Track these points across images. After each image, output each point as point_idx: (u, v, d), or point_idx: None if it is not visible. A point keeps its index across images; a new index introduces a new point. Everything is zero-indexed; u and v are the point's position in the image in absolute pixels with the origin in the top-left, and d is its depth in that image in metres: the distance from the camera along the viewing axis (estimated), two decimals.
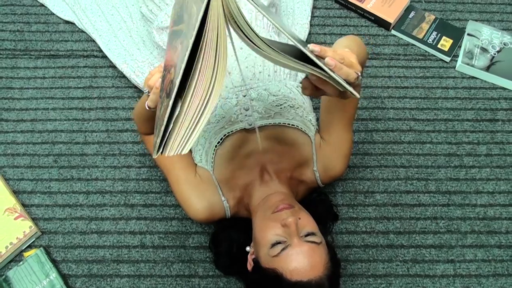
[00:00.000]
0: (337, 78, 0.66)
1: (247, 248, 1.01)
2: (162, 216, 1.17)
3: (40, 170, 1.23)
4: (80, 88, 1.34)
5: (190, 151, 1.07)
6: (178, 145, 0.62)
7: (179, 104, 0.61)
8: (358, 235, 1.17)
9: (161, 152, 0.63)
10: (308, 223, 0.92)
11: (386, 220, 1.19)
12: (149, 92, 0.83)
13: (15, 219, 1.15)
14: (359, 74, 0.72)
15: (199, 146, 1.05)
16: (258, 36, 0.63)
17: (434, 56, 1.41)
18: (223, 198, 1.02)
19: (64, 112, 1.30)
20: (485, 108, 1.33)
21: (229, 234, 1.07)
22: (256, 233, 0.94)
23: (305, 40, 1.41)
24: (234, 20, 0.62)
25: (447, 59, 1.40)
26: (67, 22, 1.45)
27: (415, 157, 1.27)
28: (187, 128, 0.61)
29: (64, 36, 1.42)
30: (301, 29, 1.41)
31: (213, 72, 0.60)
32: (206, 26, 0.59)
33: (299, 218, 0.91)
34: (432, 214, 1.19)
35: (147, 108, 0.83)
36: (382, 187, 1.23)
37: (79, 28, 1.44)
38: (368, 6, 1.46)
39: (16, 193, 1.20)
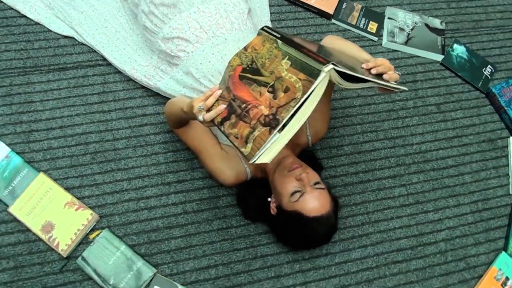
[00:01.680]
0: (391, 84, 1.05)
1: (269, 199, 1.36)
2: (195, 187, 1.48)
3: (82, 167, 1.45)
4: (95, 94, 1.55)
5: (210, 130, 1.39)
6: (269, 156, 0.98)
7: (277, 134, 0.96)
8: (338, 178, 1.59)
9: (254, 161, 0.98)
10: (314, 175, 1.28)
11: (355, 164, 1.62)
12: (201, 108, 1.09)
13: (75, 210, 1.39)
14: (399, 73, 1.11)
15: None
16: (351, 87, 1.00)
17: (366, 37, 1.84)
18: (245, 166, 1.36)
19: (88, 116, 1.52)
20: (407, 73, 1.81)
21: (252, 191, 1.41)
22: (278, 187, 1.29)
23: None
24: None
25: (375, 39, 1.84)
26: (66, 36, 1.60)
27: (366, 115, 1.71)
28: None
29: (67, 50, 1.59)
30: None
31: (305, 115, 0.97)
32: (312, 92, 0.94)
33: (307, 173, 1.27)
34: (384, 155, 1.65)
35: (201, 121, 1.10)
36: (348, 140, 1.65)
37: (78, 41, 1.60)
38: (312, 1, 1.83)
39: (66, 190, 1.42)
